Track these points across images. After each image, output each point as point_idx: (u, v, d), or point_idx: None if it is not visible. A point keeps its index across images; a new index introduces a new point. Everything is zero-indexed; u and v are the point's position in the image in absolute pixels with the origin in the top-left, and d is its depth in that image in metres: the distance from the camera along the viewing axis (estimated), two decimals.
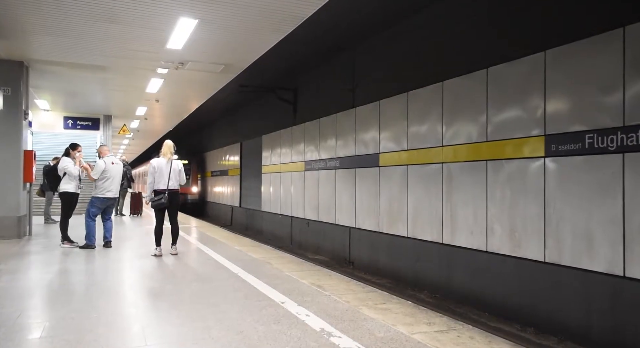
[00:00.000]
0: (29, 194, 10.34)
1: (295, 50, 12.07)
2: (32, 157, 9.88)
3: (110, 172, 8.28)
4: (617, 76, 6.54)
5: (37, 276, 6.23)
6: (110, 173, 8.26)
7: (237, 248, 8.66)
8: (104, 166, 8.23)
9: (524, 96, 7.81)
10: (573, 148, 7.05)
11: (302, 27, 7.45)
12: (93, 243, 8.22)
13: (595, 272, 6.73)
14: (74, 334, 3.79)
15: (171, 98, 13.70)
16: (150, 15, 6.93)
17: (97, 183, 8.25)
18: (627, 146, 6.37)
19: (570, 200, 7.09)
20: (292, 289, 5.36)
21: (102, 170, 8.17)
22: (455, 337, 3.85)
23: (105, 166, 8.21)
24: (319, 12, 6.81)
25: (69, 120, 16.28)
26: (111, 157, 8.57)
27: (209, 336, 3.76)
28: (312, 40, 11.32)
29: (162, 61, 9.50)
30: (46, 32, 7.80)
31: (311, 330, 3.92)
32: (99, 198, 8.26)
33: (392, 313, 4.48)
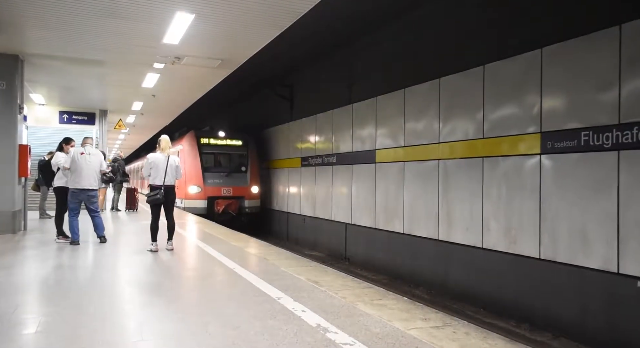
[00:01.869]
0: (24, 189, 10.29)
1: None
2: (27, 152, 9.82)
3: (78, 163, 8.01)
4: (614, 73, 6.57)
5: (33, 271, 6.21)
6: (77, 164, 8.00)
7: (233, 244, 8.66)
8: (63, 158, 8.30)
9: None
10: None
11: None
12: (75, 239, 8.07)
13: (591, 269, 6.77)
14: (70, 329, 3.78)
15: (167, 93, 13.64)
16: (147, 9, 6.89)
17: (69, 176, 8.14)
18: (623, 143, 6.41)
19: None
20: (288, 285, 5.37)
21: (66, 161, 8.09)
22: (450, 332, 3.87)
23: (69, 157, 8.09)
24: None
25: (65, 115, 16.16)
26: (85, 147, 8.25)
27: (205, 331, 3.76)
28: None
29: (158, 56, 9.45)
30: (42, 25, 7.74)
31: (307, 325, 3.93)
32: (70, 191, 8.12)
33: (388, 309, 4.49)
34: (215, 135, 17.79)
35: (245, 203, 17.33)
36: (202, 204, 16.52)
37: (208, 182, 16.77)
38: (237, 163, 17.90)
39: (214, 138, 17.69)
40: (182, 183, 16.27)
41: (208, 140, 17.58)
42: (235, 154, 17.99)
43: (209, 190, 16.67)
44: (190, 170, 16.55)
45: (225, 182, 17.02)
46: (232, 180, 17.18)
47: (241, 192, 17.37)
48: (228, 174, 17.18)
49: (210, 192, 16.67)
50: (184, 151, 17.05)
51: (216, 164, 17.72)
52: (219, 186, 16.86)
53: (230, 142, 17.95)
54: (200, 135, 17.61)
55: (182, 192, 16.42)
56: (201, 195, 16.57)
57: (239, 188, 17.23)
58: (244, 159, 18.09)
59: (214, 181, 16.87)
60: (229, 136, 18.09)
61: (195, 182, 16.61)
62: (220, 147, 17.77)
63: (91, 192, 8.21)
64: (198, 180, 16.65)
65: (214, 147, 17.65)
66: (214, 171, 17.20)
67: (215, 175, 17.02)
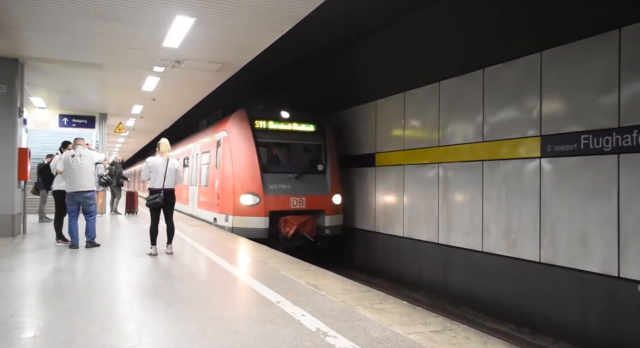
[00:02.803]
0: (24, 192, 10.28)
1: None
2: (27, 155, 9.82)
3: (70, 166, 7.98)
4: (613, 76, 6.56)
5: (31, 274, 6.19)
6: (70, 167, 7.98)
7: (233, 248, 8.64)
8: (56, 161, 8.48)
9: None
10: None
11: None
12: (74, 243, 8.07)
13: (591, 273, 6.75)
14: (68, 333, 3.76)
15: (168, 96, 13.64)
16: (147, 13, 6.90)
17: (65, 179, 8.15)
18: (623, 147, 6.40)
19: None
20: (288, 289, 5.35)
21: (58, 165, 8.17)
22: (450, 337, 3.85)
23: (60, 162, 8.14)
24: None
25: (65, 118, 16.17)
26: (76, 149, 8.16)
27: (204, 335, 3.74)
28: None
29: (158, 59, 9.46)
30: (42, 29, 7.75)
31: (307, 330, 3.91)
32: (67, 194, 8.12)
33: (388, 313, 4.47)
34: (276, 116, 12.12)
35: (325, 220, 11.54)
36: (262, 223, 10.97)
37: (270, 189, 11.19)
38: (310, 159, 12.48)
39: (275, 121, 12.04)
40: (225, 191, 11.47)
41: (266, 124, 11.92)
42: (308, 144, 12.54)
43: (272, 201, 11.13)
44: (240, 170, 11.28)
45: (295, 188, 11.44)
46: (305, 185, 11.63)
47: (319, 204, 11.56)
48: (299, 176, 11.63)
49: (274, 205, 11.13)
50: (229, 140, 11.75)
51: (280, 161, 12.42)
52: (287, 195, 11.29)
53: (299, 126, 12.24)
54: (255, 116, 11.91)
55: (225, 204, 11.44)
56: (259, 209, 11.00)
57: (315, 198, 11.58)
58: (320, 153, 12.32)
59: (278, 187, 11.33)
60: (298, 118, 12.31)
61: (249, 188, 11.09)
62: (284, 134, 12.15)
63: (87, 193, 8.14)
64: (254, 186, 11.10)
65: (276, 134, 12.06)
66: (278, 171, 11.72)
67: (280, 178, 11.46)
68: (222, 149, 11.98)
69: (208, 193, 13.23)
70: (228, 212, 11.28)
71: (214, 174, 12.49)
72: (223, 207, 11.63)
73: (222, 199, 11.68)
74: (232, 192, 11.19)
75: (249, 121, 11.80)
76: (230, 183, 11.33)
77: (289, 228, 11.04)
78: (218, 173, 12.11)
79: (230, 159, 11.48)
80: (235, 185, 11.20)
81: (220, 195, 11.81)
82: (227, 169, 11.58)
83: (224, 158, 11.79)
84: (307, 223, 11.27)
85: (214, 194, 12.42)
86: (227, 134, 11.88)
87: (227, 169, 11.57)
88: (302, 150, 12.64)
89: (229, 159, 11.54)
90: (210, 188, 12.90)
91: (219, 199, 11.88)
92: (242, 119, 11.90)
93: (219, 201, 11.90)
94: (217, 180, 12.20)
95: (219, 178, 11.98)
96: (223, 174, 11.70)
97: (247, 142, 11.51)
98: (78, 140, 8.52)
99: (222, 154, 11.92)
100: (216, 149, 12.60)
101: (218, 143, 12.45)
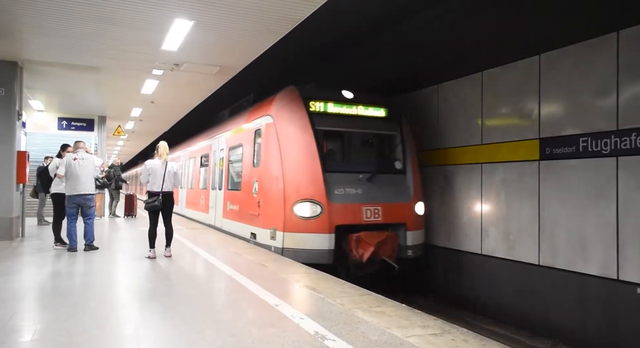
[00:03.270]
0: (22, 195, 10.27)
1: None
2: (26, 158, 9.82)
3: (72, 169, 8.02)
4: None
5: (30, 278, 6.18)
6: (72, 170, 8.02)
7: (231, 251, 8.63)
8: (55, 164, 8.45)
9: None
10: None
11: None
12: (72, 246, 8.08)
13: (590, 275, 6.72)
14: (66, 337, 3.75)
15: (166, 99, 13.64)
16: (146, 16, 6.90)
17: (65, 183, 8.16)
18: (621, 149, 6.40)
19: None
20: (286, 292, 5.34)
21: (60, 169, 8.14)
22: (449, 340, 3.84)
23: (62, 166, 8.13)
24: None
25: (63, 121, 16.17)
26: (78, 153, 8.23)
27: (202, 339, 3.73)
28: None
29: (157, 62, 9.47)
30: (41, 32, 7.75)
31: (305, 333, 3.91)
32: (67, 196, 8.14)
33: (387, 316, 4.47)
34: (338, 96, 9.31)
35: (407, 238, 8.73)
36: (324, 243, 8.09)
37: (335, 195, 8.34)
38: (385, 153, 9.75)
39: (336, 102, 9.16)
40: (271, 198, 8.69)
41: (324, 107, 9.03)
42: (380, 134, 9.74)
43: (338, 211, 8.25)
44: (294, 169, 8.44)
45: (368, 193, 8.61)
46: (381, 189, 8.80)
47: (399, 215, 8.75)
48: (372, 177, 8.80)
49: (341, 216, 8.27)
50: (275, 128, 8.82)
51: (346, 156, 9.59)
52: (358, 203, 8.45)
53: (366, 110, 9.39)
54: (311, 96, 9.03)
55: (271, 215, 8.63)
56: (322, 223, 8.12)
57: (394, 207, 8.76)
58: (397, 145, 9.50)
59: (345, 192, 8.45)
60: (364, 99, 9.44)
61: (307, 194, 8.23)
62: (350, 120, 9.26)
63: (88, 196, 8.20)
64: (315, 190, 8.24)
65: (339, 119, 9.16)
66: (344, 170, 8.95)
67: (348, 180, 8.63)
68: (265, 141, 9.10)
69: (241, 200, 10.23)
70: (275, 226, 8.40)
71: (251, 175, 9.69)
72: (267, 219, 8.73)
73: (266, 209, 8.80)
74: (281, 200, 8.32)
75: (303, 102, 8.85)
76: (278, 187, 8.45)
77: (364, 250, 8.10)
78: (257, 173, 9.35)
79: (277, 154, 8.60)
80: (286, 190, 8.29)
81: (263, 203, 8.94)
82: (272, 167, 8.71)
83: (268, 152, 8.92)
84: (387, 243, 8.32)
85: (252, 202, 9.44)
86: (272, 120, 8.90)
87: (272, 168, 8.70)
88: (373, 142, 9.91)
89: (275, 154, 8.65)
90: (246, 193, 9.90)
91: (261, 209, 9.01)
92: (294, 99, 8.91)
93: (260, 211, 9.03)
94: (255, 183, 9.37)
95: (260, 180, 9.18)
96: (266, 174, 8.88)
97: (303, 129, 8.55)
98: (79, 143, 8.54)
99: (265, 147, 9.06)
100: (253, 142, 9.76)
101: (257, 133, 9.60)
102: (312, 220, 8.15)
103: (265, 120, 9.24)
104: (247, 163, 10.06)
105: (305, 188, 8.27)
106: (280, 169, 8.52)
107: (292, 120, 8.72)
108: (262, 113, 9.56)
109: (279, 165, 8.53)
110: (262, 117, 9.44)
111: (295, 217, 8.19)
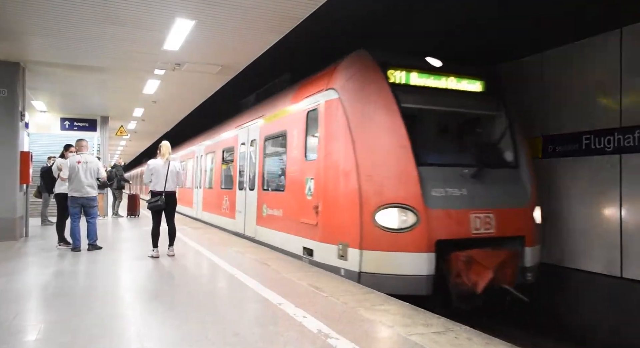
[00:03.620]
0: (26, 196, 10.31)
1: None
2: (29, 159, 9.85)
3: (76, 171, 8.07)
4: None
5: (33, 278, 6.20)
6: (75, 173, 8.06)
7: (234, 250, 8.64)
8: (58, 164, 8.58)
9: None
10: None
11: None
12: (76, 245, 8.11)
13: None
14: (70, 336, 3.76)
15: (168, 99, 13.66)
16: (147, 16, 6.91)
17: (68, 184, 8.21)
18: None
19: None
20: (289, 290, 5.35)
21: (64, 172, 8.19)
22: (452, 338, 3.84)
23: (66, 168, 8.17)
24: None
25: (66, 122, 16.24)
26: (82, 155, 8.27)
27: (205, 338, 3.74)
28: None
29: (159, 62, 9.48)
30: (43, 33, 7.77)
31: (308, 331, 3.91)
32: (69, 196, 8.18)
33: (390, 315, 4.47)
34: (421, 63, 7.21)
35: (526, 257, 6.63)
36: (421, 265, 5.96)
37: (433, 198, 6.22)
38: (489, 141, 7.51)
39: (421, 72, 7.08)
40: (338, 201, 6.62)
41: (406, 77, 6.97)
42: (479, 114, 7.59)
43: (439, 221, 6.14)
44: (373, 161, 6.36)
45: (475, 195, 6.50)
46: (490, 189, 6.67)
47: (516, 225, 6.64)
48: (477, 173, 6.69)
49: (443, 228, 6.15)
50: (342, 106, 6.73)
51: (442, 144, 7.41)
52: (464, 209, 6.32)
53: (459, 83, 7.32)
54: (390, 63, 6.94)
55: (339, 225, 6.54)
56: (417, 237, 6.01)
57: (510, 213, 6.61)
58: (503, 130, 7.34)
59: (447, 193, 6.37)
60: (456, 69, 7.35)
61: (396, 196, 6.16)
62: (438, 95, 7.16)
63: (90, 196, 8.26)
64: (406, 191, 6.18)
65: (425, 95, 7.04)
66: (442, 163, 6.72)
67: (448, 176, 6.54)
68: (326, 123, 6.93)
69: (287, 204, 8.12)
70: (347, 241, 6.22)
71: (302, 170, 7.58)
72: (332, 230, 6.55)
73: (330, 216, 6.63)
74: (355, 204, 6.15)
75: (380, 69, 6.70)
76: (350, 187, 6.28)
77: (479, 276, 6.00)
78: (313, 168, 7.17)
79: (347, 140, 6.41)
80: (363, 190, 6.14)
81: (324, 208, 6.71)
82: (339, 158, 6.55)
83: (331, 139, 6.78)
84: (507, 265, 6.23)
85: (304, 206, 7.30)
86: (336, 95, 6.76)
87: (339, 160, 6.55)
88: (473, 126, 7.71)
89: (343, 140, 6.48)
90: (293, 195, 7.80)
91: (321, 216, 6.76)
92: (367, 66, 6.78)
93: (318, 219, 6.80)
94: (309, 181, 7.19)
95: (319, 176, 6.95)
96: (330, 169, 6.74)
97: (385, 106, 6.43)
98: (81, 142, 8.56)
99: (326, 132, 6.89)
100: (304, 127, 7.63)
101: (309, 116, 7.50)
102: (403, 233, 5.92)
103: (325, 96, 7.02)
104: (295, 155, 7.88)
105: (392, 188, 6.08)
106: (352, 160, 6.27)
107: (368, 95, 6.55)
108: (318, 87, 7.33)
109: (351, 156, 6.30)
110: (319, 92, 7.24)
111: (377, 228, 5.96)
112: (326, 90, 7.09)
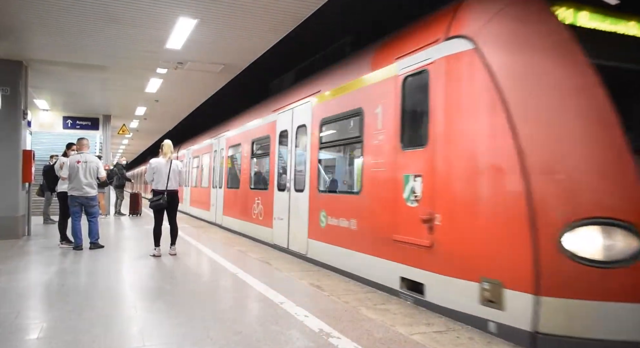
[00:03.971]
0: (28, 194, 10.33)
1: None
2: (31, 157, 9.87)
3: (75, 171, 8.07)
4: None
5: (36, 276, 6.21)
6: (75, 172, 8.07)
7: (236, 249, 8.65)
8: (60, 163, 8.56)
9: None
10: None
11: None
12: (78, 244, 8.12)
13: None
14: (72, 335, 3.77)
15: (171, 98, 13.68)
16: (150, 14, 6.92)
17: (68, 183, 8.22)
18: None
19: None
20: (291, 289, 5.35)
21: (64, 172, 8.21)
22: (454, 337, 3.84)
23: (66, 167, 8.19)
24: None
25: (69, 120, 16.27)
26: (82, 154, 8.27)
27: (207, 336, 3.74)
28: None
29: (161, 61, 9.49)
30: (45, 31, 7.78)
31: (310, 330, 3.91)
32: (69, 195, 8.19)
33: (391, 314, 4.47)
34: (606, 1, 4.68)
35: None
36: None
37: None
38: None
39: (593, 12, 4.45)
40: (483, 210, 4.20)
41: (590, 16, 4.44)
42: None
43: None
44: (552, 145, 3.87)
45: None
46: None
47: None
48: None
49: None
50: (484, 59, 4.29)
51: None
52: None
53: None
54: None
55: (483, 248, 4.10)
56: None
57: None
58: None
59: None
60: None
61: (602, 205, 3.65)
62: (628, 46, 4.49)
63: (89, 196, 8.25)
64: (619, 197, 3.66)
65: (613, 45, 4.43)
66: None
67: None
68: (446, 91, 4.71)
69: (364, 212, 6.05)
70: (502, 277, 3.97)
71: (395, 164, 5.39)
72: (466, 258, 4.32)
73: (460, 235, 4.43)
74: (522, 218, 3.87)
75: (548, 6, 4.45)
76: (508, 191, 4.06)
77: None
78: (414, 160, 5.06)
79: (497, 114, 4.18)
80: (537, 196, 3.84)
81: (447, 222, 4.56)
82: (478, 144, 4.38)
83: (456, 115, 4.63)
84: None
85: (402, 216, 5.14)
86: (469, 45, 4.51)
87: (477, 146, 4.38)
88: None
89: (485, 115, 4.33)
90: (377, 199, 5.77)
91: (439, 233, 4.62)
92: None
93: (435, 238, 4.65)
94: (413, 180, 5.03)
95: (429, 173, 4.80)
96: (458, 161, 4.55)
97: (568, 60, 4.17)
98: (82, 140, 8.56)
99: (445, 105, 4.71)
100: (399, 100, 5.40)
101: (406, 84, 5.34)
102: (617, 269, 3.64)
103: (442, 49, 4.81)
104: (380, 142, 5.74)
105: (592, 193, 3.81)
106: (510, 146, 4.02)
107: (533, 42, 4.31)
108: (426, 39, 5.08)
109: (507, 139, 4.05)
110: (430, 46, 4.99)
111: (567, 259, 3.69)
112: (445, 41, 4.74)
